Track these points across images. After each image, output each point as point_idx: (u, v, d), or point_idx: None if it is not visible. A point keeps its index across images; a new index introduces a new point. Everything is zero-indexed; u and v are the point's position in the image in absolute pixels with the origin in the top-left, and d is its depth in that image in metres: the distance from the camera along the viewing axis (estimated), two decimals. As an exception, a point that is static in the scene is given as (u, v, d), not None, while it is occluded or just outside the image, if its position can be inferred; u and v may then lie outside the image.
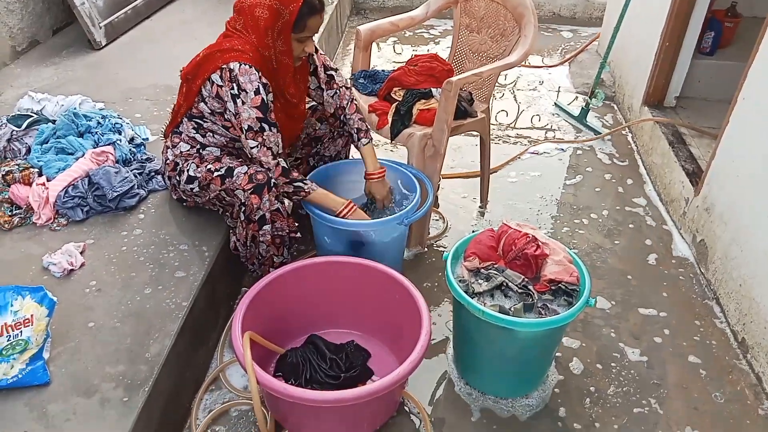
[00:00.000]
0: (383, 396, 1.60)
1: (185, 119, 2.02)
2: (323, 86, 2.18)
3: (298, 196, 2.01)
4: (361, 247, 2.10)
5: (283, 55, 1.91)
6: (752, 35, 2.26)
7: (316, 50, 2.12)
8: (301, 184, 1.99)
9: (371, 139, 2.23)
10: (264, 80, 1.86)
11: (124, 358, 1.63)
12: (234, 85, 1.83)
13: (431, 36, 4.82)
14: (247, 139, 1.89)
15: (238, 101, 1.84)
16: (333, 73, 2.19)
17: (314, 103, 2.30)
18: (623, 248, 2.61)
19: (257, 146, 1.90)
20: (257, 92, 1.84)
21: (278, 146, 1.94)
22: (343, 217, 2.02)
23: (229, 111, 1.88)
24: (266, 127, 1.88)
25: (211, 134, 2.02)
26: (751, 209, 2.16)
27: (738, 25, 3.39)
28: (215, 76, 1.86)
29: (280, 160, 1.95)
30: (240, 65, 1.82)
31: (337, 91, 2.19)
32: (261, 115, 1.87)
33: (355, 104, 2.24)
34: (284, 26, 1.84)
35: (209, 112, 1.95)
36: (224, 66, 1.83)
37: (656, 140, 3.08)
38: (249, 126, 1.87)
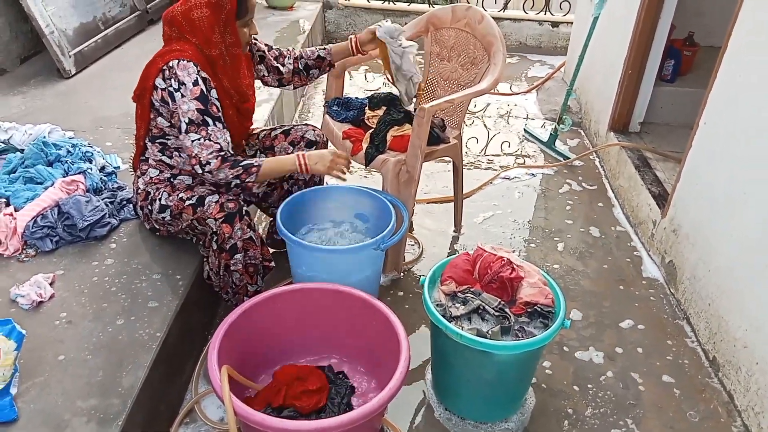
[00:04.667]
0: (362, 424, 1.58)
1: (149, 143, 2.00)
2: (276, 64, 2.19)
3: (252, 176, 1.88)
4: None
5: (234, 47, 1.90)
6: (709, 63, 2.36)
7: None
8: (248, 161, 1.87)
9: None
10: (203, 74, 1.83)
11: (95, 391, 1.58)
12: (172, 80, 1.80)
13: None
14: (187, 133, 1.79)
15: (176, 95, 1.80)
16: (278, 48, 2.22)
17: (287, 127, 2.31)
18: (595, 270, 2.66)
19: (199, 139, 1.79)
20: (196, 83, 1.80)
21: (227, 143, 1.85)
22: (306, 169, 1.97)
23: (170, 111, 1.85)
24: (209, 120, 1.81)
25: (177, 153, 2.00)
26: (716, 230, 2.22)
27: (696, 54, 3.54)
28: (158, 80, 1.84)
29: (221, 154, 1.83)
30: (179, 61, 1.80)
31: (290, 56, 2.22)
32: (201, 107, 1.81)
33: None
34: (228, 16, 1.84)
35: (168, 125, 1.93)
36: (164, 66, 1.81)
37: (623, 164, 3.17)
38: (190, 119, 1.79)
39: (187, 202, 1.94)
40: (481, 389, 1.87)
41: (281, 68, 2.22)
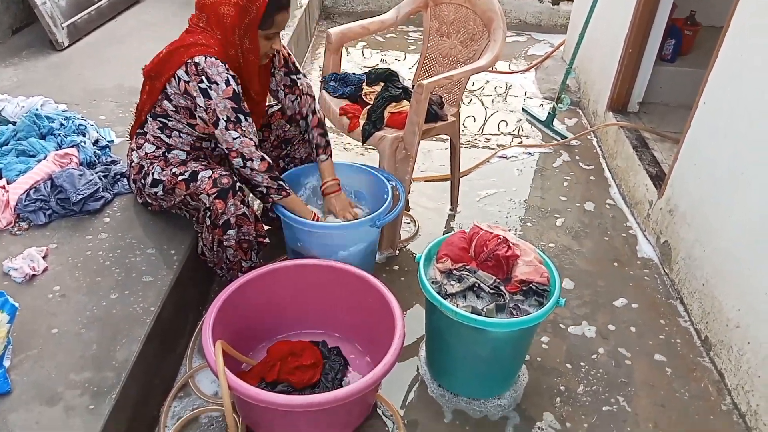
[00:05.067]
0: (356, 399, 1.59)
1: (150, 118, 1.98)
2: (281, 88, 2.14)
3: (279, 196, 1.99)
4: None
5: (250, 53, 1.88)
6: (710, 43, 2.34)
7: (284, 50, 2.10)
8: (284, 183, 1.99)
9: (330, 155, 2.23)
10: (231, 72, 1.84)
11: (89, 364, 1.58)
12: (203, 78, 1.80)
13: (408, 41, 4.86)
14: (227, 130, 1.86)
15: (211, 93, 1.81)
16: (296, 78, 2.14)
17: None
18: (590, 250, 2.66)
19: (239, 137, 1.87)
20: (228, 83, 1.82)
21: (256, 136, 1.93)
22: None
23: (200, 107, 1.84)
24: (242, 117, 1.87)
25: (177, 134, 1.98)
26: (713, 210, 2.22)
27: (697, 34, 3.51)
28: (181, 72, 1.82)
29: (263, 153, 1.93)
30: (206, 58, 1.79)
31: (299, 98, 2.17)
32: (236, 106, 1.84)
33: (318, 117, 2.21)
34: (251, 23, 1.81)
35: (173, 110, 1.91)
36: (189, 60, 1.79)
37: (620, 144, 3.16)
38: (227, 117, 1.84)
39: (180, 177, 1.92)
40: (475, 366, 1.88)
41: (282, 96, 2.16)
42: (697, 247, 2.29)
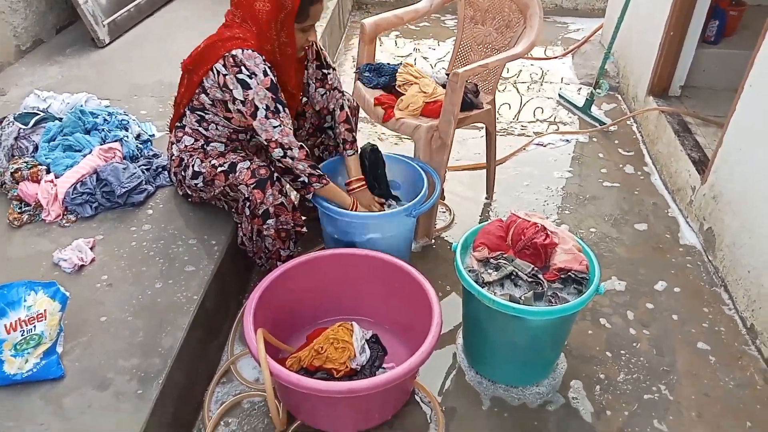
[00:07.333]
0: (394, 386, 1.61)
1: (188, 111, 2.01)
2: (312, 81, 2.17)
3: (320, 184, 2.00)
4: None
5: (287, 47, 1.90)
6: (757, 24, 2.26)
7: (317, 43, 2.12)
8: (322, 173, 2.01)
9: (356, 150, 2.24)
10: (268, 64, 1.86)
11: (137, 351, 1.64)
12: (241, 68, 1.82)
13: (443, 29, 4.83)
14: (267, 119, 1.87)
15: (251, 83, 1.83)
16: (328, 72, 2.18)
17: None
18: (630, 237, 2.61)
19: (279, 126, 1.89)
20: (266, 74, 1.84)
21: (292, 128, 1.95)
22: (356, 208, 2.10)
23: (237, 99, 1.86)
24: (280, 108, 1.89)
25: (214, 126, 2.02)
26: (759, 196, 2.15)
27: (742, 14, 3.38)
28: (219, 66, 1.84)
29: (300, 143, 1.96)
30: (243, 51, 1.81)
31: (328, 92, 2.20)
32: (274, 96, 1.87)
33: (345, 112, 2.23)
34: (287, 17, 1.83)
35: (210, 103, 1.95)
36: (227, 54, 1.82)
37: (661, 129, 3.08)
38: (266, 106, 1.86)
39: (219, 169, 1.96)
40: (513, 354, 1.87)
41: (312, 90, 2.18)
42: (743, 234, 2.23)
